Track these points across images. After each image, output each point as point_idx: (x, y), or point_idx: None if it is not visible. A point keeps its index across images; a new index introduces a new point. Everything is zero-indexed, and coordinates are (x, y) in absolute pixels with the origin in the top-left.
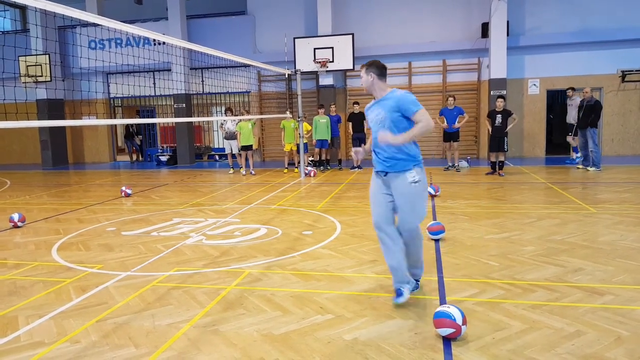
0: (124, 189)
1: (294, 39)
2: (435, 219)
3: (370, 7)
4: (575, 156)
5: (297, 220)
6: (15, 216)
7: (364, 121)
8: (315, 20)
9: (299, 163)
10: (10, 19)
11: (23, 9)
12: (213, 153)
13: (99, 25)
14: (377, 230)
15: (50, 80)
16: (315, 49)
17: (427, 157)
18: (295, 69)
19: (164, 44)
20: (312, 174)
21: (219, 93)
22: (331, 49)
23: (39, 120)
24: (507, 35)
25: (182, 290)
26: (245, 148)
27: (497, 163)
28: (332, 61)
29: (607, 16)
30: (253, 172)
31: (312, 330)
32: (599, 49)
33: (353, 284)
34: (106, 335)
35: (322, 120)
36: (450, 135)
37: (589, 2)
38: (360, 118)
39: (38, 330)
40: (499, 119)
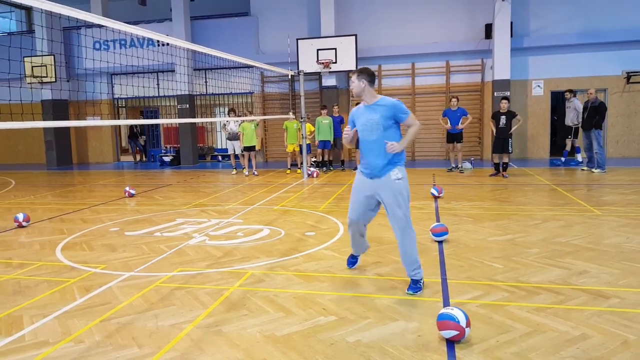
0: (127, 189)
1: (297, 40)
2: (438, 220)
3: (373, 8)
4: (580, 158)
5: (299, 221)
6: (20, 216)
7: None
8: (319, 21)
9: (301, 164)
10: (15, 20)
11: (28, 10)
12: (216, 154)
13: (103, 26)
14: (351, 225)
15: (55, 81)
16: (318, 50)
17: (431, 158)
18: (298, 69)
19: (167, 45)
20: (314, 174)
21: (222, 94)
22: (334, 50)
23: (44, 120)
24: (511, 36)
25: (185, 290)
26: (248, 149)
27: (500, 164)
28: (335, 62)
29: (612, 17)
30: (256, 173)
31: (315, 332)
32: (603, 50)
33: (356, 286)
34: (110, 335)
35: (324, 121)
36: (454, 137)
37: (593, 3)
38: None
39: (42, 329)
40: (503, 120)
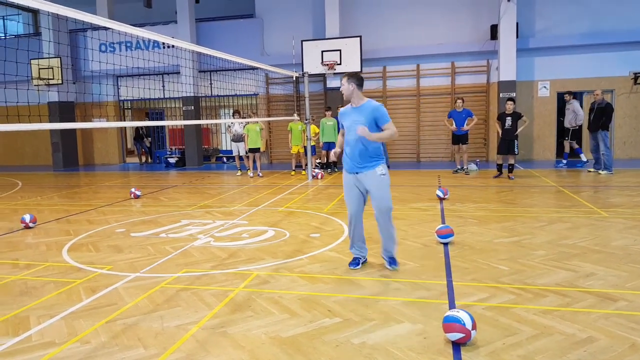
0: (133, 190)
1: (302, 41)
2: (444, 222)
3: (378, 9)
4: (584, 158)
5: (304, 222)
6: (27, 217)
7: None
8: (323, 22)
9: (306, 165)
10: (22, 22)
11: (35, 12)
12: (221, 155)
13: (109, 28)
14: (351, 220)
15: (62, 83)
16: (323, 51)
17: (436, 160)
18: (302, 71)
19: (173, 47)
20: (319, 176)
21: (227, 95)
22: (339, 52)
23: (50, 122)
24: (517, 37)
25: (191, 291)
26: (253, 150)
27: (503, 166)
28: (340, 63)
29: (618, 18)
30: (260, 174)
31: (320, 334)
32: (610, 50)
33: (361, 287)
34: (116, 336)
35: (329, 122)
36: (459, 138)
37: (600, 4)
38: None
39: (49, 330)
40: (508, 121)
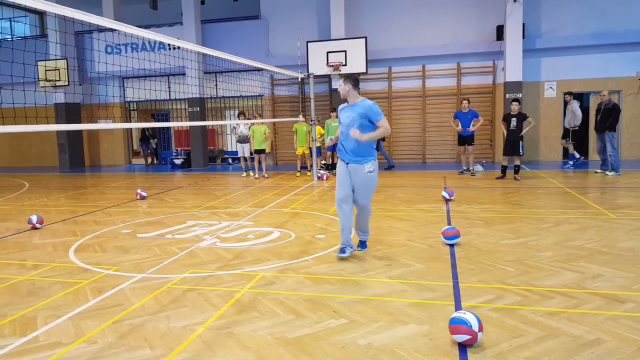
0: (139, 191)
1: (307, 42)
2: (450, 223)
3: (384, 10)
4: (571, 161)
5: (309, 223)
6: (34, 218)
7: None
8: (329, 23)
9: (311, 166)
10: (29, 24)
11: (42, 14)
12: (226, 156)
13: (115, 30)
14: (339, 203)
15: (68, 84)
16: (328, 52)
17: (442, 161)
18: (308, 72)
19: (178, 48)
20: (324, 177)
21: (232, 97)
22: (344, 53)
23: (56, 124)
24: (523, 37)
25: (197, 292)
26: (258, 152)
27: (508, 167)
28: (345, 65)
29: (625, 18)
30: (266, 175)
31: (326, 335)
32: (617, 51)
33: (367, 289)
34: (122, 337)
35: (334, 123)
36: (465, 139)
37: (606, 4)
38: None
39: (56, 330)
40: (514, 122)
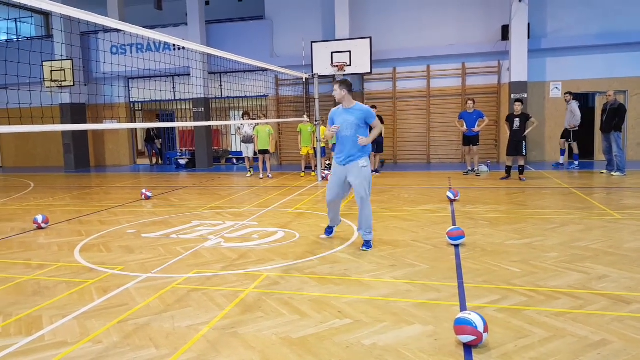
0: (144, 191)
1: (312, 43)
2: (454, 224)
3: (388, 10)
4: (562, 160)
5: (314, 223)
6: (39, 218)
7: (381, 125)
8: (333, 24)
9: (315, 167)
10: (35, 25)
11: (47, 15)
12: (231, 156)
13: (120, 30)
14: (329, 203)
15: (73, 85)
16: (332, 52)
17: (446, 161)
18: (312, 72)
19: (183, 49)
20: (328, 177)
21: (237, 97)
22: (349, 53)
23: (62, 124)
24: (528, 37)
25: (201, 292)
26: (263, 152)
27: (512, 168)
28: (350, 65)
29: (631, 18)
30: (270, 176)
31: (331, 335)
32: (623, 51)
33: (371, 289)
34: (127, 336)
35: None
36: (470, 139)
37: (612, 4)
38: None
39: (61, 330)
40: (517, 122)
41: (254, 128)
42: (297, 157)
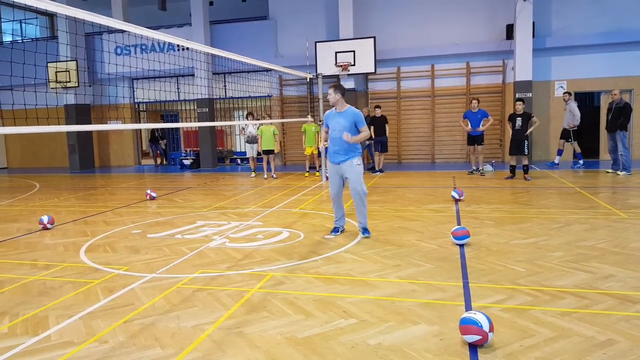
0: (148, 192)
1: (316, 42)
2: (459, 223)
3: (393, 9)
4: (557, 160)
5: (318, 223)
6: (45, 218)
7: (386, 124)
8: (337, 24)
9: (320, 167)
10: (39, 26)
11: (52, 16)
12: (235, 157)
13: (125, 31)
14: (333, 197)
15: (78, 85)
16: (336, 52)
17: (451, 161)
18: (316, 72)
19: (187, 49)
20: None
21: (241, 97)
22: (353, 53)
23: (67, 125)
24: (533, 36)
25: (207, 292)
26: (267, 152)
27: (517, 167)
28: (354, 65)
29: (637, 16)
30: (274, 176)
31: (336, 335)
32: (628, 49)
33: (376, 289)
34: (133, 336)
35: None
36: (474, 139)
37: (617, 2)
38: (382, 122)
39: (67, 330)
40: (519, 122)
41: (258, 128)
42: (301, 157)
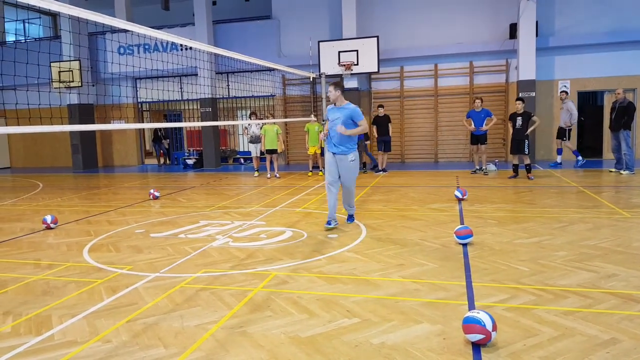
0: (152, 191)
1: (319, 42)
2: (462, 223)
3: (396, 9)
4: (559, 160)
5: (322, 223)
6: (48, 218)
7: (389, 124)
8: (340, 23)
9: (323, 166)
10: (42, 26)
11: (55, 16)
12: (238, 156)
13: (128, 31)
14: (328, 186)
15: (81, 85)
16: (339, 52)
17: (454, 160)
18: (319, 72)
19: (190, 49)
20: None
21: (244, 97)
22: (356, 52)
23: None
24: (536, 35)
25: (210, 291)
26: (270, 151)
27: (518, 166)
28: (357, 64)
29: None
30: (278, 175)
31: (339, 334)
32: (632, 49)
33: (379, 288)
34: (136, 335)
35: None
36: (478, 138)
37: (621, 1)
38: (385, 121)
39: (71, 329)
40: (519, 121)
41: (261, 128)
42: (304, 156)
